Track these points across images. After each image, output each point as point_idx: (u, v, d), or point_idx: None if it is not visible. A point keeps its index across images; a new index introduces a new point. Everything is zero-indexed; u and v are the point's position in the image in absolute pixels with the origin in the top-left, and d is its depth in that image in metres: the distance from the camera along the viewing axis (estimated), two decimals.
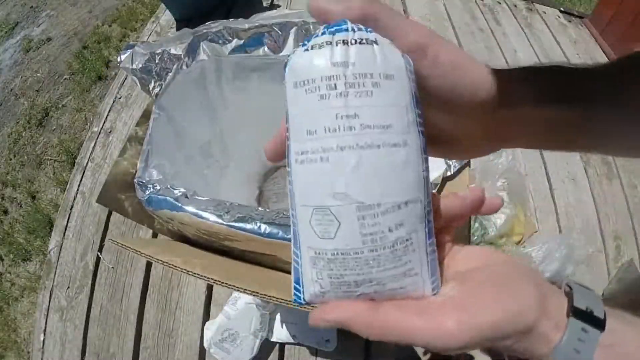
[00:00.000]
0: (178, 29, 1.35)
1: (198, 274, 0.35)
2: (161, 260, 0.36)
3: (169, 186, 0.42)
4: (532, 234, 0.86)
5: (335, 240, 0.17)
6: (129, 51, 0.48)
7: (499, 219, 0.86)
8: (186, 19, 1.36)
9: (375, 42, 0.17)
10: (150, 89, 0.49)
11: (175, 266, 0.36)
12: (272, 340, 0.74)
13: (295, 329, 0.73)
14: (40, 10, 2.16)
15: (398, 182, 0.17)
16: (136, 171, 0.45)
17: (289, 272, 0.47)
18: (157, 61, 0.48)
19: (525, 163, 0.96)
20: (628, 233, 0.88)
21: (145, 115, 0.50)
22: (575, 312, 0.19)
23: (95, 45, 1.82)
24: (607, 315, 0.19)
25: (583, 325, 0.19)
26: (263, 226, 0.39)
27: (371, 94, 0.16)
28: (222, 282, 0.34)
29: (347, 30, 0.16)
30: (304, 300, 0.19)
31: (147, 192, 0.42)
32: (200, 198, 0.41)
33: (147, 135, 0.47)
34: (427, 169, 0.18)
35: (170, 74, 0.49)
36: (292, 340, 0.73)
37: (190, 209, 0.40)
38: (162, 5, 1.38)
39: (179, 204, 0.40)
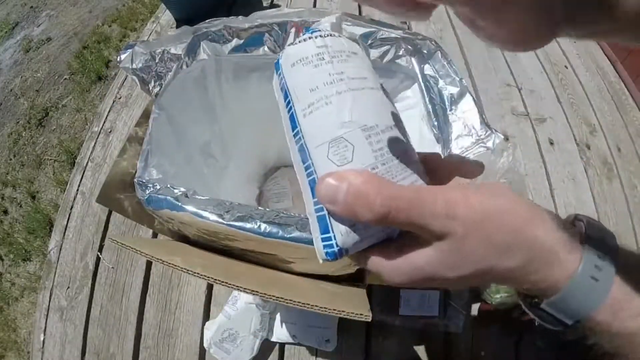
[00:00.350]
0: (178, 28, 1.35)
1: (198, 274, 0.35)
2: (161, 260, 0.36)
3: (169, 185, 0.42)
4: None
5: (353, 162, 0.20)
6: (129, 51, 0.48)
7: None
8: (186, 19, 1.35)
9: (339, 36, 0.24)
10: (150, 88, 0.48)
11: (176, 265, 0.36)
12: (272, 340, 0.74)
13: (295, 329, 0.73)
14: (40, 10, 2.16)
15: (383, 111, 0.22)
16: (136, 171, 0.45)
17: (289, 272, 0.47)
18: (157, 61, 0.48)
19: (526, 163, 0.96)
20: (628, 233, 0.88)
21: (145, 116, 0.49)
22: (589, 240, 0.19)
23: (95, 45, 1.82)
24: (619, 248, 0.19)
25: (598, 253, 0.18)
26: (263, 225, 0.39)
27: (347, 60, 0.23)
28: (223, 282, 0.34)
29: (320, 31, 0.24)
30: (337, 244, 0.20)
31: (147, 192, 0.42)
32: (200, 197, 0.41)
33: (146, 135, 0.46)
34: (397, 110, 0.24)
35: (170, 73, 0.49)
36: (292, 340, 0.73)
37: (190, 208, 0.40)
38: (162, 5, 1.37)
39: (179, 204, 0.40)
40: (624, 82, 1.14)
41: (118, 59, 0.48)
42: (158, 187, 0.42)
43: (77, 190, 1.02)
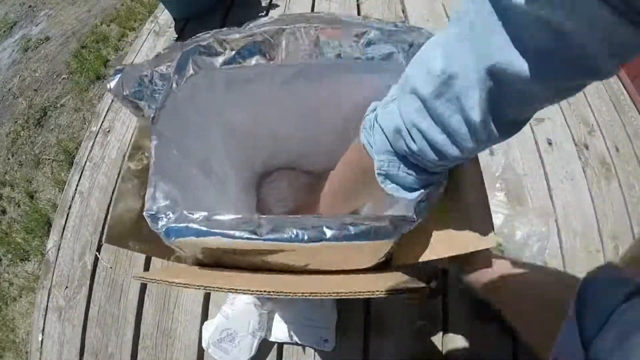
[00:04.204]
0: (177, 28, 1.35)
1: (250, 290, 0.34)
2: (202, 286, 0.35)
3: (185, 212, 0.40)
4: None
5: None
6: (118, 76, 0.46)
7: (497, 219, 0.86)
8: (185, 18, 1.35)
9: None
10: (145, 114, 0.47)
11: (221, 288, 0.34)
12: (270, 340, 0.74)
13: (293, 329, 0.73)
14: (39, 9, 2.16)
15: None
16: (140, 207, 0.43)
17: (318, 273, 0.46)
18: (147, 84, 0.46)
19: (524, 163, 0.96)
20: (626, 233, 0.88)
21: (136, 147, 0.47)
22: None
23: (93, 45, 1.81)
24: None
25: None
26: (300, 233, 0.38)
27: None
28: (278, 292, 0.33)
29: None
30: None
31: (162, 224, 0.40)
32: (223, 218, 0.39)
33: (151, 166, 0.45)
34: None
35: (161, 95, 0.47)
36: (290, 340, 0.73)
37: (218, 231, 0.38)
38: (161, 5, 1.37)
39: (204, 228, 0.38)
40: (622, 82, 1.14)
41: (108, 87, 0.46)
42: (173, 216, 0.40)
43: (76, 190, 1.02)
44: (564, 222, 0.89)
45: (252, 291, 0.33)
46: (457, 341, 0.74)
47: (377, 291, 0.32)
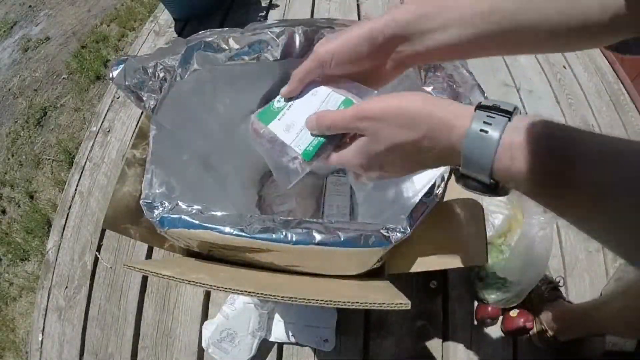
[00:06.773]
0: (177, 28, 1.35)
1: (232, 289, 0.34)
2: (187, 280, 0.35)
3: (179, 203, 0.41)
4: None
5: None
6: (121, 66, 0.46)
7: (496, 219, 0.86)
8: (185, 19, 1.35)
9: None
10: (146, 104, 0.47)
11: (204, 284, 0.35)
12: (270, 340, 0.74)
13: (293, 329, 0.73)
14: (39, 9, 2.16)
15: None
16: (140, 193, 0.44)
17: (307, 274, 0.46)
18: (149, 75, 0.46)
19: None
20: None
21: (140, 136, 0.48)
22: (482, 106, 0.22)
23: (93, 45, 1.81)
24: (521, 112, 0.21)
25: (489, 113, 0.21)
26: (289, 234, 0.38)
27: None
28: (254, 292, 0.34)
29: None
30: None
31: (157, 212, 0.40)
32: (216, 213, 0.39)
33: (148, 154, 0.45)
34: None
35: (164, 87, 0.47)
36: (290, 340, 0.73)
37: (210, 225, 0.39)
38: (161, 5, 1.37)
39: (197, 222, 0.39)
40: (622, 82, 1.14)
41: (110, 76, 0.46)
42: (168, 206, 0.41)
43: (76, 190, 1.02)
44: (564, 222, 0.89)
45: (233, 290, 0.34)
46: (456, 342, 0.74)
47: (356, 302, 0.33)
